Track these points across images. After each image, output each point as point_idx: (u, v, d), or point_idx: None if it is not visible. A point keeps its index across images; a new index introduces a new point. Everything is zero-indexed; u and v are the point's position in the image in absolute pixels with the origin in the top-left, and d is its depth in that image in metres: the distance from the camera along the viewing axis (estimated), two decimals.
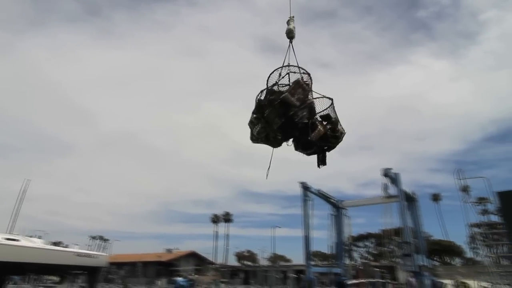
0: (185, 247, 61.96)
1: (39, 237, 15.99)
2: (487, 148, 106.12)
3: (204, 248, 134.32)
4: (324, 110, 5.17)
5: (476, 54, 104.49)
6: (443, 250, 57.65)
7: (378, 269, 34.91)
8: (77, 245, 16.66)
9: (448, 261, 59.84)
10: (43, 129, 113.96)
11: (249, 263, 69.81)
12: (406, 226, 27.70)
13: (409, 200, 32.29)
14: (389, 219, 30.43)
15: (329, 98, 5.19)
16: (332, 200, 36.11)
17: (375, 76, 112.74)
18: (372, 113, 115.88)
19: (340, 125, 5.12)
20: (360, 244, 69.46)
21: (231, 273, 52.51)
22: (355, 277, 34.88)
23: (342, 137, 5.03)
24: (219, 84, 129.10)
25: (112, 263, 49.35)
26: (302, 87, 4.77)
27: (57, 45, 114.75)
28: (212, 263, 57.46)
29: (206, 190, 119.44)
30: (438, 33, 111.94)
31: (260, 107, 5.01)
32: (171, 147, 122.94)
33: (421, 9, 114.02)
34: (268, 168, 5.36)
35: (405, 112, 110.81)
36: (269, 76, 5.10)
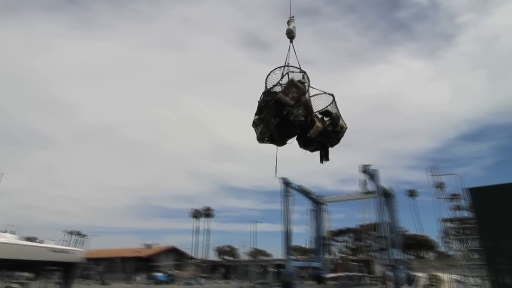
0: (165, 242, 61.40)
1: (12, 232, 15.45)
2: (461, 146, 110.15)
3: (184, 243, 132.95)
4: (328, 106, 5.23)
5: (453, 55, 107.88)
6: (417, 245, 59.66)
7: (355, 263, 35.88)
8: (52, 240, 16.19)
9: (422, 255, 62.05)
10: (18, 120, 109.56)
11: (229, 258, 69.97)
12: (383, 221, 28.63)
13: (386, 196, 33.34)
14: (367, 214, 31.28)
15: (330, 94, 5.25)
16: (312, 196, 36.74)
17: (356, 74, 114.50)
18: (353, 110, 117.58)
19: (342, 120, 5.18)
20: (339, 238, 70.82)
21: (211, 268, 52.50)
22: (333, 271, 35.68)
23: (344, 132, 5.09)
24: (201, 78, 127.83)
25: (89, 259, 48.27)
26: (296, 86, 4.80)
27: (34, 34, 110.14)
28: (192, 258, 57.21)
29: (187, 185, 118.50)
30: (417, 34, 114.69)
31: (260, 108, 5.04)
32: (152, 141, 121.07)
33: (401, 9, 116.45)
34: (276, 167, 5.45)
35: (384, 111, 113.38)
36: (267, 77, 5.13)
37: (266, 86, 5.16)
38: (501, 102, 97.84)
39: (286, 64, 5.24)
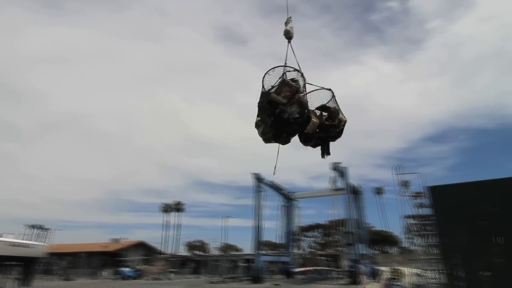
0: (133, 237, 60.04)
1: None
2: (426, 147, 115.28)
3: (153, 238, 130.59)
4: (329, 101, 5.34)
5: (421, 59, 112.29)
6: (382, 240, 62.18)
7: (323, 258, 36.80)
8: (11, 234, 15.38)
9: (387, 250, 64.76)
10: None
11: (200, 253, 69.65)
12: (351, 217, 29.54)
13: (355, 193, 34.42)
14: (336, 211, 32.16)
15: (328, 89, 5.35)
16: (283, 192, 37.27)
17: (329, 73, 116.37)
18: None
19: (342, 113, 5.25)
20: (309, 234, 72.38)
21: (181, 262, 52.04)
22: (302, 265, 36.46)
23: (343, 125, 5.16)
24: (176, 71, 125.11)
25: (52, 254, 46.40)
26: (288, 85, 4.90)
27: None
28: (161, 253, 56.42)
29: (158, 179, 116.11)
30: (389, 37, 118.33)
31: (259, 109, 5.20)
32: (122, 133, 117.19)
33: (375, 13, 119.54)
34: (275, 166, 5.59)
35: (356, 111, 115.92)
36: (263, 78, 5.22)
37: (263, 86, 5.25)
38: (463, 106, 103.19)
39: (284, 64, 5.33)
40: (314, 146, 5.33)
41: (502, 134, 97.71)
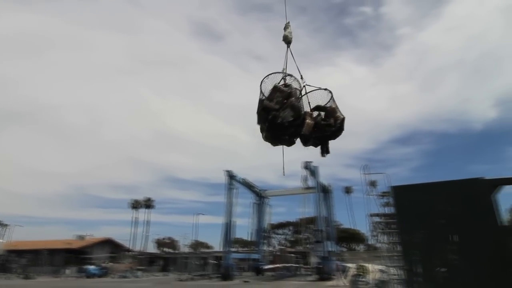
0: (100, 234, 58.12)
1: None
2: (393, 149, 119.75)
3: (122, 235, 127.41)
4: (328, 102, 5.44)
5: (391, 64, 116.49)
6: (350, 238, 64.06)
7: (293, 255, 37.32)
8: None
9: (354, 247, 66.81)
10: None
11: (169, 250, 68.58)
12: (320, 215, 30.18)
13: (325, 191, 35.18)
14: (306, 209, 32.73)
15: (325, 89, 5.50)
16: (255, 189, 37.44)
17: (304, 73, 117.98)
18: None
19: (339, 112, 5.32)
20: (279, 231, 73.23)
21: (149, 260, 51.02)
22: (272, 262, 36.81)
23: (339, 123, 5.21)
24: (148, 64, 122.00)
25: (11, 251, 44.07)
26: (279, 91, 5.10)
27: None
28: (129, 250, 55.00)
29: (127, 174, 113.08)
30: (361, 41, 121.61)
31: (257, 116, 5.44)
32: (90, 125, 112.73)
33: (349, 16, 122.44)
34: (283, 167, 5.91)
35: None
36: (260, 85, 5.43)
37: (261, 92, 5.44)
38: (428, 111, 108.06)
39: (283, 69, 5.64)
40: (315, 145, 5.46)
41: (463, 138, 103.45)
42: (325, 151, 5.47)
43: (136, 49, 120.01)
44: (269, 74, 5.38)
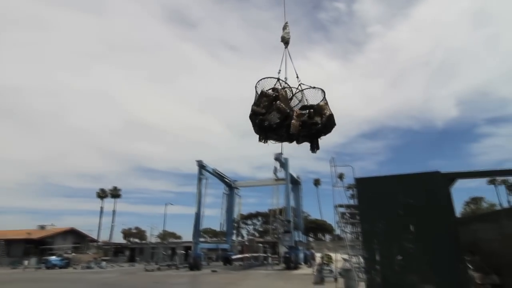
0: (64, 224, 56.06)
1: None
2: (360, 143, 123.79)
3: (87, 225, 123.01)
4: (322, 100, 5.62)
5: (361, 61, 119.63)
6: (317, 228, 66.00)
7: (261, 245, 37.87)
8: None
9: (321, 237, 68.89)
10: None
11: (136, 240, 67.39)
12: (289, 206, 30.73)
13: (294, 183, 35.83)
14: (276, 200, 33.19)
15: (319, 88, 5.74)
16: (226, 180, 37.43)
17: (277, 66, 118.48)
18: None
19: (327, 109, 5.46)
20: (249, 222, 74.01)
21: (115, 250, 49.88)
22: (241, 252, 37.18)
23: (325, 119, 5.32)
24: (118, 48, 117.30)
25: None
26: (265, 96, 5.42)
27: None
28: (94, 240, 53.44)
29: (93, 163, 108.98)
30: (334, 37, 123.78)
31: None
32: (53, 111, 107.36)
33: (323, 11, 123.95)
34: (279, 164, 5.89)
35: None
36: (255, 88, 5.71)
37: (256, 92, 5.70)
38: (395, 107, 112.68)
39: (279, 71, 5.98)
40: (311, 141, 5.66)
41: (425, 135, 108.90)
42: (315, 147, 5.67)
43: (105, 32, 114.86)
44: (261, 79, 5.65)
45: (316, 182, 70.61)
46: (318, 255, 23.97)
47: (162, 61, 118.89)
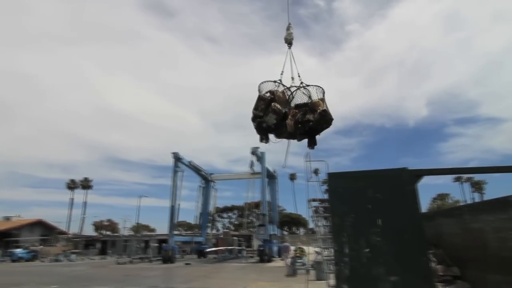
0: (31, 215, 53.76)
1: None
2: (336, 139, 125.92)
3: (56, 216, 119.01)
4: (319, 97, 5.86)
5: (339, 58, 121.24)
6: (292, 222, 67.00)
7: (236, 238, 38.06)
8: None
9: (295, 231, 70.03)
10: None
11: (108, 233, 65.88)
12: (265, 200, 30.99)
13: (271, 177, 36.10)
14: (252, 193, 33.36)
15: (319, 86, 5.94)
16: (202, 173, 37.19)
17: (255, 60, 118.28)
18: (250, 94, 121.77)
19: (320, 106, 5.59)
20: (225, 215, 74.06)
21: (86, 243, 48.59)
22: (215, 245, 37.20)
23: (317, 115, 5.45)
24: (92, 35, 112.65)
25: None
26: (262, 99, 5.80)
27: None
28: (63, 232, 51.74)
29: (64, 152, 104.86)
30: (313, 33, 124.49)
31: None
32: (21, 96, 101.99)
33: (303, 7, 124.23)
34: (285, 159, 6.54)
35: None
36: (259, 86, 6.01)
37: (259, 92, 6.01)
38: (369, 105, 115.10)
39: (281, 72, 6.28)
40: (309, 138, 5.87)
41: (397, 133, 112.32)
42: (312, 143, 5.88)
43: (79, 18, 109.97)
44: (261, 83, 6.04)
45: (292, 177, 71.51)
46: (293, 248, 24.38)
47: (138, 49, 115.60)
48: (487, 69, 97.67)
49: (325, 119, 5.48)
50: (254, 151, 30.02)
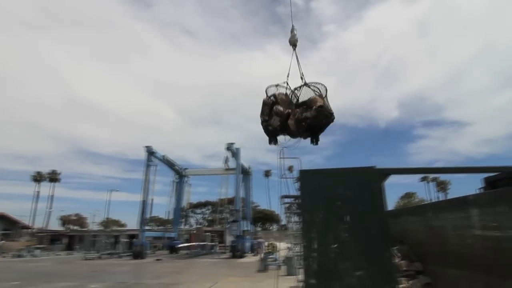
0: None
1: None
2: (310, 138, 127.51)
3: (20, 210, 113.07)
4: (325, 96, 5.91)
5: (315, 58, 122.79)
6: (265, 218, 67.55)
7: (209, 233, 37.90)
8: None
9: (268, 227, 70.71)
10: None
11: (76, 227, 63.67)
12: (238, 196, 31.04)
13: (245, 173, 36.17)
14: (226, 189, 33.30)
15: (321, 84, 6.04)
16: (176, 167, 36.69)
17: (234, 55, 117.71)
18: (227, 91, 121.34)
19: (318, 102, 5.65)
20: (198, 210, 73.51)
21: (51, 238, 46.72)
22: (188, 241, 36.88)
23: (313, 112, 5.52)
24: (64, 21, 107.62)
25: None
26: (265, 104, 6.09)
27: None
28: (27, 227, 49.48)
29: (28, 143, 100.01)
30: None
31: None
32: None
33: (281, 5, 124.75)
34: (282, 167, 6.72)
35: (254, 98, 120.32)
36: (266, 91, 6.24)
37: (266, 94, 6.22)
38: (343, 105, 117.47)
39: (287, 75, 6.47)
40: (314, 135, 6.09)
41: (369, 133, 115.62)
42: (314, 140, 6.06)
43: (49, 2, 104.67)
44: (267, 88, 6.31)
45: (267, 173, 71.99)
46: (265, 244, 24.62)
47: (112, 39, 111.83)
48: (453, 76, 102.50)
49: (323, 114, 5.60)
50: (229, 147, 29.95)
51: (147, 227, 33.96)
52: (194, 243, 33.21)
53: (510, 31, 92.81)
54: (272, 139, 6.31)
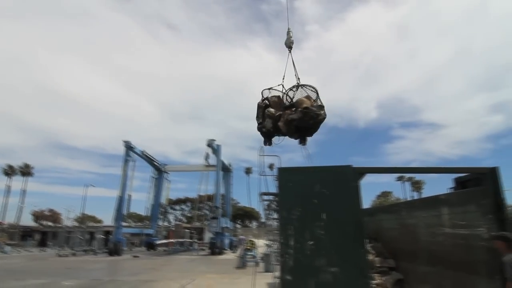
0: None
1: None
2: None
3: None
4: (316, 99, 6.15)
5: (297, 57, 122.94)
6: (245, 215, 67.68)
7: (188, 230, 37.62)
8: None
9: (248, 224, 70.84)
10: None
11: (49, 223, 61.66)
12: (218, 192, 30.93)
13: (226, 170, 36.07)
14: (206, 186, 33.08)
15: (310, 86, 6.28)
16: (155, 163, 36.15)
17: (216, 52, 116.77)
18: (208, 87, 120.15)
19: (302, 103, 5.83)
20: (177, 207, 72.75)
21: (23, 234, 45.11)
22: (166, 237, 36.45)
23: (299, 113, 5.69)
24: (41, 10, 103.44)
25: None
26: (259, 107, 6.31)
27: None
28: None
29: (1, 136, 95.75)
30: (274, 30, 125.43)
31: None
32: None
33: (265, 3, 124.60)
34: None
35: (236, 94, 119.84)
36: (261, 94, 6.47)
37: (262, 97, 6.45)
38: (324, 105, 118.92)
39: (283, 77, 6.67)
40: (301, 136, 6.28)
41: (349, 133, 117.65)
42: (302, 141, 6.28)
43: None
44: (263, 90, 6.52)
45: (248, 171, 72.03)
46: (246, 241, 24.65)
47: (91, 30, 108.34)
48: (430, 79, 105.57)
49: (308, 116, 5.67)
50: (210, 144, 29.76)
51: (124, 224, 33.33)
52: (172, 240, 32.87)
53: (485, 36, 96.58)
54: (267, 140, 6.51)
